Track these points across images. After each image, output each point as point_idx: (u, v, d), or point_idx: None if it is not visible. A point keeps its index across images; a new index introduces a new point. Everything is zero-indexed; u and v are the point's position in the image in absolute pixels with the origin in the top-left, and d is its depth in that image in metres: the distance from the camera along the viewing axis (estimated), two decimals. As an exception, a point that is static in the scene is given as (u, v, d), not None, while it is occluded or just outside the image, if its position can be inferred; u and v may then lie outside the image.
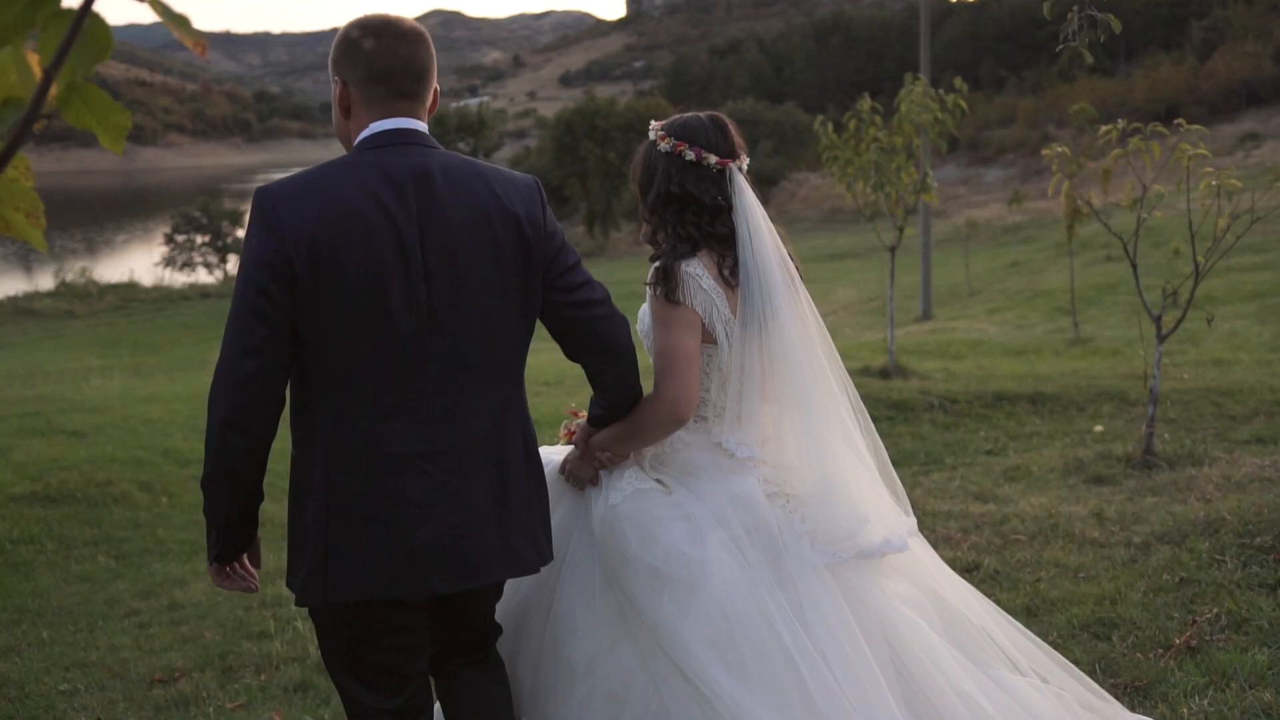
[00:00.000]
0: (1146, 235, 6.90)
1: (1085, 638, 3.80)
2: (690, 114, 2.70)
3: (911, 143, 10.49)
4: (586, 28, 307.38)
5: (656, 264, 2.59)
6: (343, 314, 2.16)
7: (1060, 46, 3.73)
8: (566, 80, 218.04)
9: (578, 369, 2.58)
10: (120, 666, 4.52)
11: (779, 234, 2.66)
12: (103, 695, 4.18)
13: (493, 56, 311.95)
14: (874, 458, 2.74)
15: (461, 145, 52.47)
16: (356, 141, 2.29)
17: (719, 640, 2.37)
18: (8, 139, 1.17)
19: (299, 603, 2.29)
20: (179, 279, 41.40)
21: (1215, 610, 3.82)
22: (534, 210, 2.33)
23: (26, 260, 49.79)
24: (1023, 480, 6.38)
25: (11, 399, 13.98)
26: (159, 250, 46.42)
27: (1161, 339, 6.40)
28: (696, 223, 2.59)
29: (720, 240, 2.60)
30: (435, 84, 2.36)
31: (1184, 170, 5.99)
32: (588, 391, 2.66)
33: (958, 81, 10.31)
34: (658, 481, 2.60)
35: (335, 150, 2.45)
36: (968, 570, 4.62)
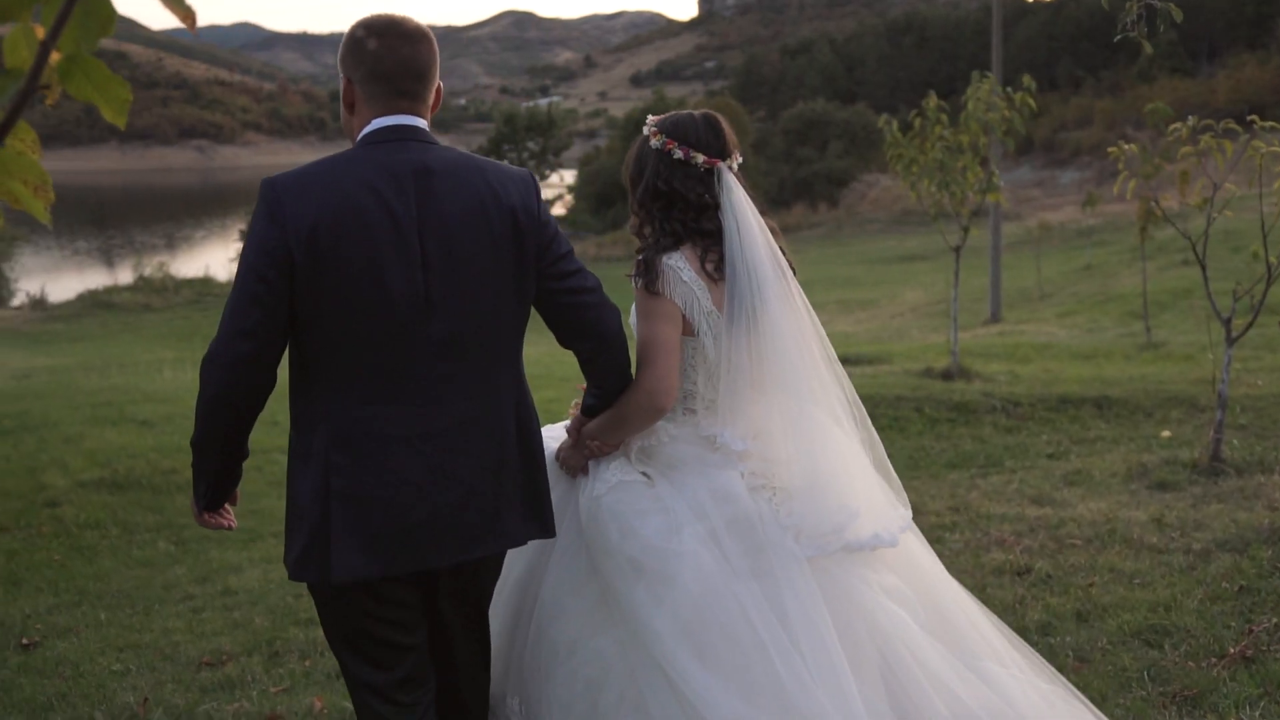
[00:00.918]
0: (1225, 238, 6.73)
1: (1136, 645, 3.70)
2: (685, 112, 2.75)
3: (978, 141, 10.31)
4: (658, 28, 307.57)
5: (639, 256, 2.65)
6: (342, 301, 2.25)
7: (1118, 36, 3.63)
8: (637, 80, 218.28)
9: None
10: (171, 649, 4.60)
11: (773, 230, 2.70)
12: (152, 676, 4.26)
13: (564, 57, 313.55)
14: (870, 451, 2.75)
15: (530, 144, 52.85)
16: (359, 137, 2.38)
17: (692, 631, 2.42)
18: (8, 110, 1.18)
19: (292, 578, 2.36)
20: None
21: (1275, 620, 3.70)
22: (529, 202, 2.41)
23: (109, 256, 51.12)
24: (1083, 485, 6.24)
25: (88, 389, 14.36)
26: (234, 246, 47.36)
27: (1231, 343, 6.22)
28: (682, 219, 2.64)
29: (705, 236, 2.64)
30: (438, 82, 2.45)
31: (1257, 170, 5.81)
32: None
33: (1026, 79, 10.11)
34: (643, 474, 2.63)
35: None
36: (1019, 574, 4.53)
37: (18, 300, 35.06)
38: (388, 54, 2.35)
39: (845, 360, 10.18)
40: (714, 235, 2.64)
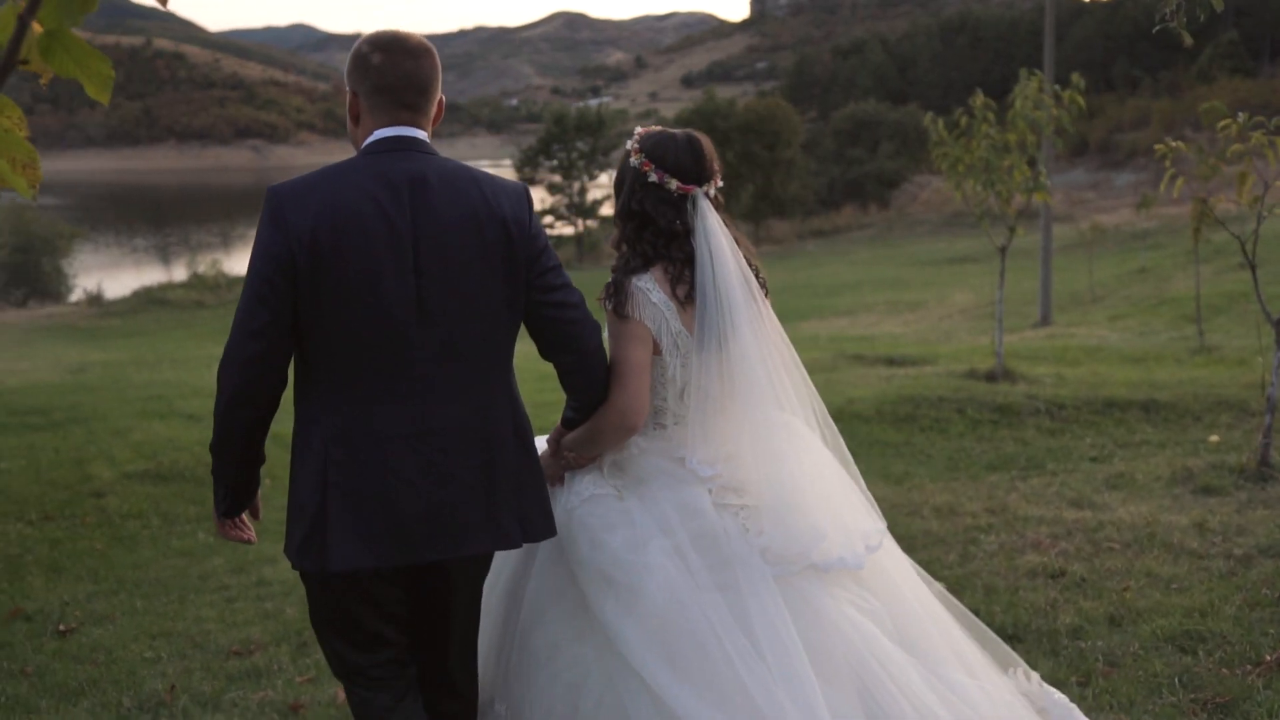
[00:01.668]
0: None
1: (1169, 650, 3.62)
2: (669, 132, 2.75)
3: (1025, 141, 10.16)
4: (709, 28, 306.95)
5: (610, 279, 2.70)
6: (341, 304, 2.35)
7: (1157, 28, 3.54)
8: (688, 81, 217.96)
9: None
10: (203, 637, 4.64)
11: (749, 250, 2.74)
12: (182, 663, 4.30)
13: (616, 57, 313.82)
14: (845, 471, 2.78)
15: (580, 144, 52.84)
16: (362, 147, 2.48)
17: (661, 641, 2.47)
18: (-13, 85, 1.18)
19: (295, 567, 2.46)
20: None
21: (1315, 627, 3.60)
22: (521, 213, 2.50)
23: (165, 253, 51.97)
24: (1125, 488, 6.13)
25: (139, 383, 14.61)
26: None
27: (1280, 344, 6.07)
28: (653, 242, 2.67)
29: (675, 260, 2.67)
30: (440, 96, 2.55)
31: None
32: None
33: (1075, 77, 9.95)
34: (615, 488, 2.68)
35: (453, 150, 2.61)
36: (1053, 577, 4.45)
37: (75, 296, 35.75)
38: (390, 68, 2.45)
39: (890, 362, 10.12)
40: (685, 261, 2.66)
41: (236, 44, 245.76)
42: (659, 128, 2.79)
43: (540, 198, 53.14)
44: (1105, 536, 4.95)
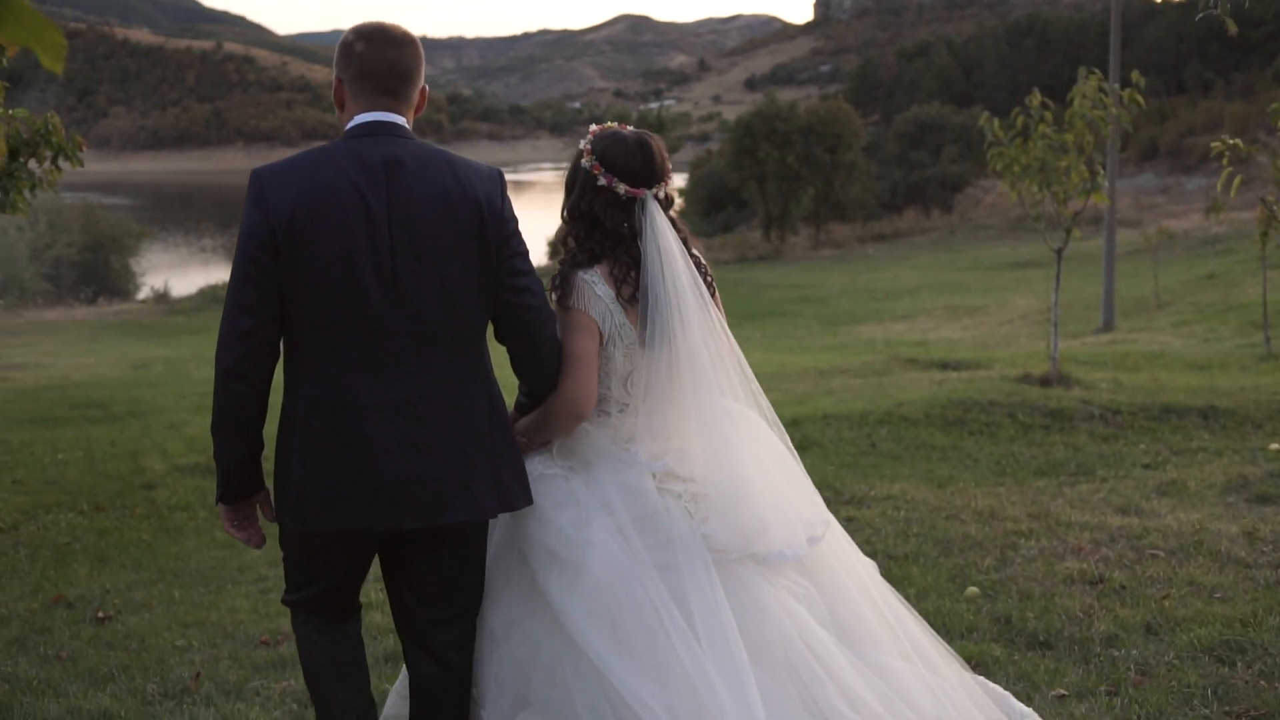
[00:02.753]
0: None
1: (1206, 661, 3.50)
2: (621, 133, 2.79)
3: (1083, 140, 9.95)
4: (773, 31, 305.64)
5: (556, 271, 2.78)
6: (319, 280, 2.46)
7: (1200, 14, 3.43)
8: (751, 84, 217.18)
9: (778, 369, 2.71)
10: (234, 627, 4.68)
11: (697, 258, 2.80)
12: (210, 652, 4.34)
13: (679, 60, 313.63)
14: (793, 464, 2.84)
15: (640, 147, 52.89)
16: (344, 131, 2.59)
17: (602, 616, 2.55)
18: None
19: (282, 530, 2.60)
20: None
21: (1362, 641, 3.46)
22: (494, 196, 2.58)
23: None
24: (1175, 495, 5.97)
25: (198, 379, 14.86)
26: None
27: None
28: (600, 243, 2.75)
29: (621, 261, 2.74)
30: (423, 85, 2.65)
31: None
32: (784, 387, 2.81)
33: (1135, 75, 9.73)
34: (563, 468, 2.75)
35: (515, 153, 2.71)
36: (1091, 584, 4.33)
37: (143, 294, 36.50)
38: (373, 56, 2.57)
39: (944, 366, 9.95)
40: (631, 263, 2.73)
41: (304, 47, 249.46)
42: (613, 126, 2.83)
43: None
44: (1149, 543, 4.81)
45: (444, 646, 2.71)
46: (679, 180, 65.33)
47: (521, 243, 2.63)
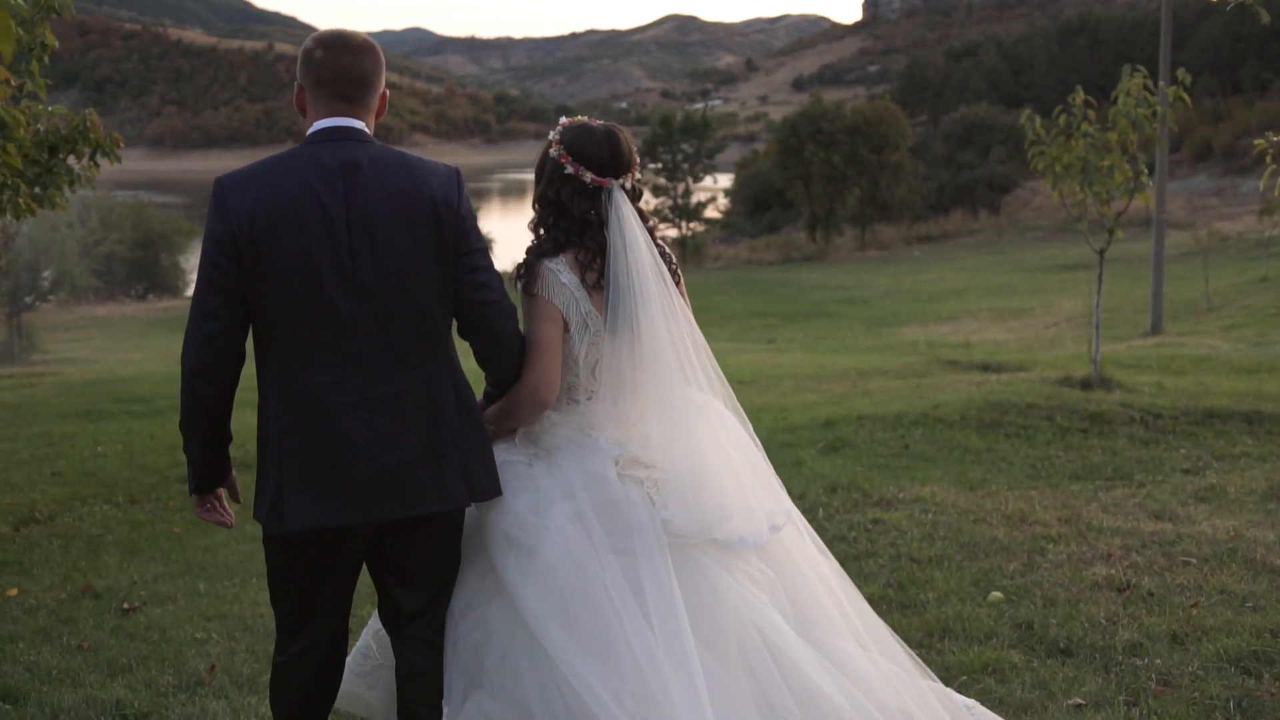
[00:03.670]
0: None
1: (1232, 672, 3.40)
2: (589, 125, 2.87)
3: (1127, 139, 9.76)
4: (821, 31, 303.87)
5: (521, 259, 2.83)
6: (282, 284, 2.52)
7: (1231, 5, 3.33)
8: (799, 84, 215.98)
9: (773, 369, 2.77)
10: (254, 620, 4.69)
11: (663, 249, 2.86)
12: (228, 645, 4.35)
13: (726, 60, 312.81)
14: (756, 454, 2.88)
15: (685, 147, 52.82)
16: (305, 137, 2.66)
17: (554, 600, 2.60)
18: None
19: (265, 530, 2.63)
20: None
21: (1396, 653, 3.34)
22: (450, 195, 2.63)
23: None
24: (1213, 501, 5.83)
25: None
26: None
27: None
28: (566, 230, 2.80)
29: (587, 248, 2.79)
30: (383, 90, 2.72)
31: None
32: (778, 390, 2.90)
33: (1180, 72, 9.53)
34: (526, 455, 2.81)
35: None
36: (1119, 590, 4.23)
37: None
38: (331, 63, 2.63)
39: (984, 368, 9.81)
40: (597, 250, 2.78)
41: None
42: (581, 119, 2.90)
43: (644, 200, 53.17)
44: (1182, 550, 4.70)
45: (429, 637, 2.77)
46: (724, 180, 64.90)
47: (479, 239, 2.69)
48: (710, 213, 56.07)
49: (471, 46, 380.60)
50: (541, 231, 2.85)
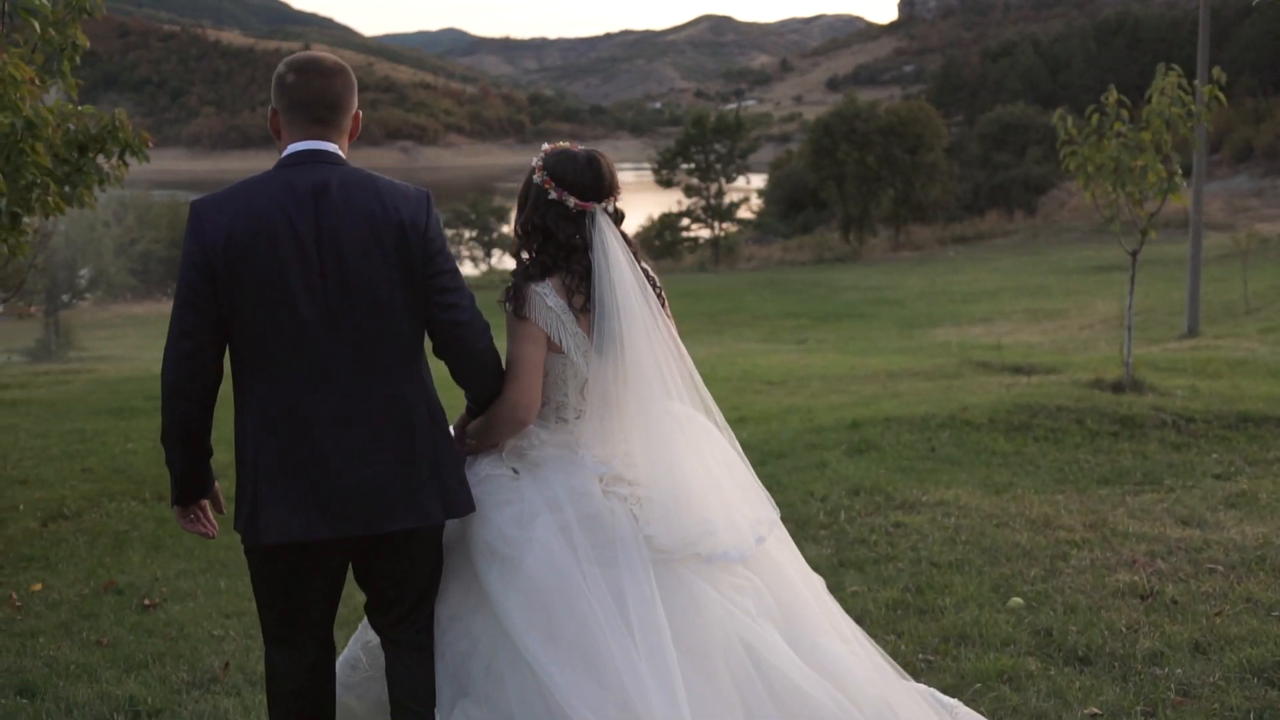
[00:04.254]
0: None
1: (1253, 683, 3.33)
2: (571, 151, 2.93)
3: (1160, 139, 9.62)
4: (856, 31, 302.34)
5: (509, 283, 2.91)
6: (255, 303, 2.60)
7: (1274, 1, 3.25)
8: (833, 84, 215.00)
9: (802, 370, 2.82)
10: (271, 618, 4.70)
11: (647, 271, 2.93)
12: (244, 643, 4.37)
13: (760, 60, 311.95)
14: (741, 468, 2.96)
15: (718, 147, 52.70)
16: (279, 160, 2.73)
17: (539, 611, 2.66)
18: None
19: (242, 541, 2.70)
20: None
21: None
22: (417, 218, 2.69)
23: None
24: (1244, 507, 5.73)
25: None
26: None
27: None
28: (553, 255, 2.86)
29: (574, 271, 2.85)
30: (356, 111, 2.80)
31: None
32: (807, 392, 2.96)
33: (1216, 71, 9.39)
34: (512, 469, 2.87)
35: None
36: (1142, 597, 4.16)
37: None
38: (303, 87, 2.70)
39: (1016, 370, 9.68)
40: (583, 274, 2.85)
41: (389, 48, 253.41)
42: (564, 145, 2.96)
43: (677, 200, 53.20)
44: (1209, 557, 4.62)
45: (419, 641, 2.85)
46: (758, 181, 64.45)
47: (448, 260, 2.74)
48: (743, 213, 55.91)
49: (506, 47, 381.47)
50: (524, 256, 2.91)
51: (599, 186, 2.89)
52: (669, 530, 2.74)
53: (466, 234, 48.75)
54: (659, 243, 51.66)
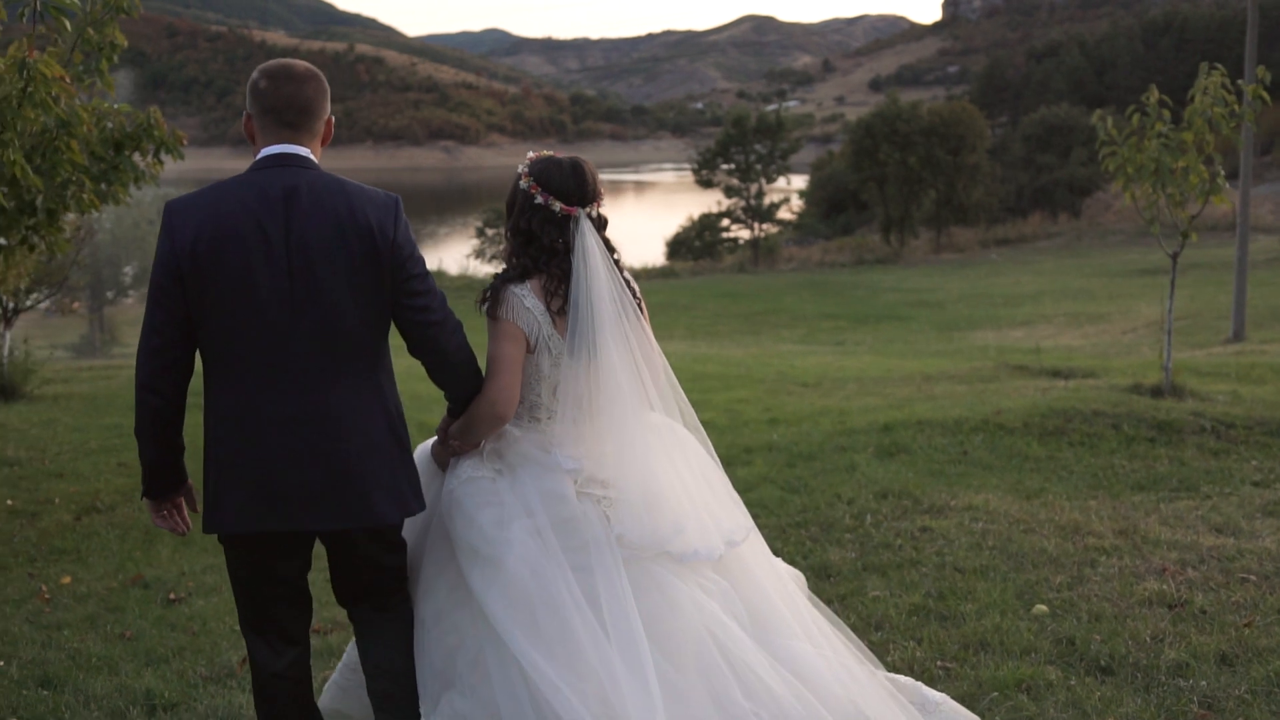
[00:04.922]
0: None
1: (1281, 696, 3.23)
2: (556, 158, 3.04)
3: (1203, 140, 9.45)
4: (899, 32, 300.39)
5: (488, 285, 3.01)
6: (222, 303, 2.67)
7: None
8: (876, 85, 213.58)
9: (838, 372, 2.88)
10: (292, 614, 4.72)
11: (628, 279, 3.02)
12: (264, 638, 4.37)
13: (803, 61, 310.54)
14: (715, 474, 3.06)
15: (758, 147, 52.52)
16: (252, 163, 2.80)
17: (519, 607, 2.76)
18: None
19: (203, 529, 2.83)
20: (484, 269, 43.63)
21: None
22: (385, 223, 2.76)
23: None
24: (1282, 516, 5.60)
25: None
26: (472, 243, 49.10)
27: None
28: (535, 257, 2.95)
29: (553, 275, 2.93)
30: (328, 116, 2.87)
31: None
32: (841, 394, 3.03)
33: (1260, 70, 9.21)
34: (494, 471, 2.95)
35: (636, 154, 2.97)
36: (1170, 607, 4.07)
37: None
38: (274, 92, 2.77)
39: (1054, 374, 9.54)
40: (562, 277, 2.93)
41: (432, 49, 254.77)
42: (548, 153, 3.07)
43: (717, 201, 53.07)
44: (1241, 566, 4.52)
45: (395, 629, 2.98)
46: (799, 182, 64.23)
47: (418, 263, 2.80)
48: (784, 214, 55.67)
49: (548, 47, 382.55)
50: (513, 259, 3.00)
51: (583, 191, 2.98)
52: (640, 528, 2.84)
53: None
54: (699, 243, 51.61)
